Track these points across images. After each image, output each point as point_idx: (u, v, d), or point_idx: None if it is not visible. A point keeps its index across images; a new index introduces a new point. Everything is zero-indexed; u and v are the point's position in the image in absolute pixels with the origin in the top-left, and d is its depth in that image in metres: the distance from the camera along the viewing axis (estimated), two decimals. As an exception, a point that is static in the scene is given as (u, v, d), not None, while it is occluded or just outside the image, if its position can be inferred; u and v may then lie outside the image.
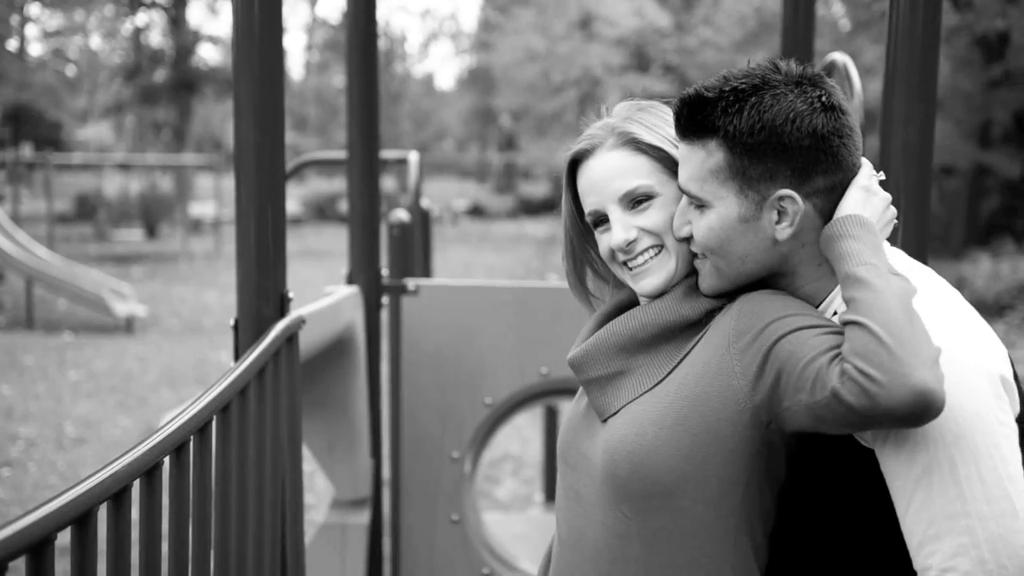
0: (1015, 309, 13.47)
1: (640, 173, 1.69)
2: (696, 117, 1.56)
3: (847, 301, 1.43)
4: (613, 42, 25.69)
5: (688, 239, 1.65)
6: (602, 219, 1.73)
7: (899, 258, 1.63)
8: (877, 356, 1.33)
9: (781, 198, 1.53)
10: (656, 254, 1.69)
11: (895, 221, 1.64)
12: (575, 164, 1.78)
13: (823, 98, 1.53)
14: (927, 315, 1.44)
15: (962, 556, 1.39)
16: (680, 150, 1.62)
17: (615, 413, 1.66)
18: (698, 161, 1.57)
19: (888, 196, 1.61)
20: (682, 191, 1.62)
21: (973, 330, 1.49)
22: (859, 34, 18.63)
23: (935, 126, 2.39)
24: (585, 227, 1.84)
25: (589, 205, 1.74)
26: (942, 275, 1.64)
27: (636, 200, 1.69)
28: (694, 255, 1.66)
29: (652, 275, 1.69)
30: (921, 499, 1.41)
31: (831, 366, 1.39)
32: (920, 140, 2.33)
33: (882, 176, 1.62)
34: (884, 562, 1.52)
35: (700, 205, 1.59)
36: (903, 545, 1.47)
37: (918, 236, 2.37)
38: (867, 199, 1.56)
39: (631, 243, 1.68)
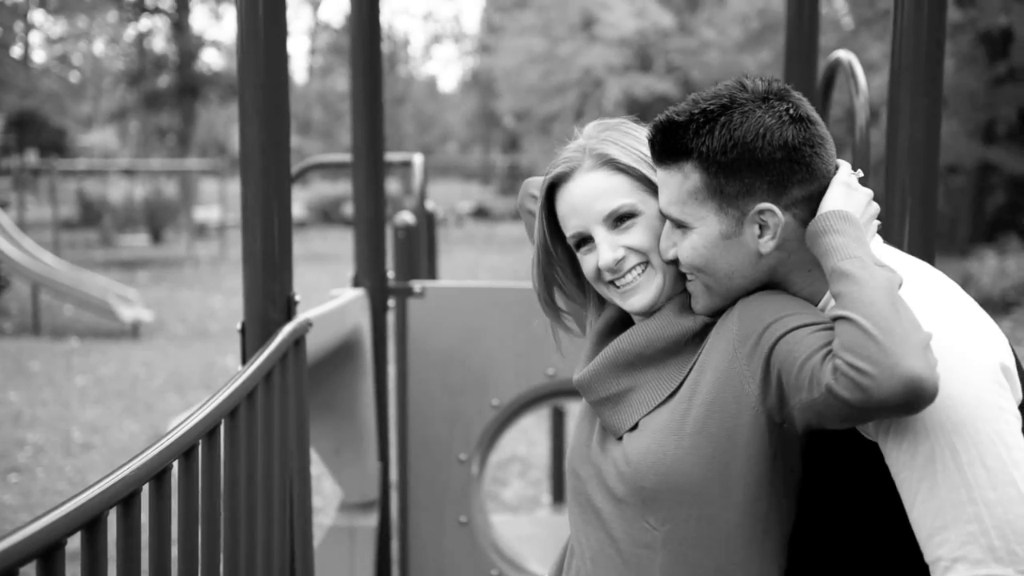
0: (1021, 306, 13.44)
1: (621, 192, 1.70)
2: (669, 142, 1.59)
3: (835, 296, 1.44)
4: (615, 43, 25.68)
5: (676, 261, 1.66)
6: (585, 240, 1.74)
7: (891, 255, 1.63)
8: (865, 349, 1.34)
9: (761, 212, 1.55)
10: (643, 271, 1.70)
11: (878, 221, 1.65)
12: (552, 187, 1.78)
13: (791, 111, 1.55)
14: (922, 307, 1.45)
15: (971, 544, 1.39)
16: (658, 176, 1.64)
17: (631, 429, 1.67)
18: (676, 184, 1.59)
19: (869, 192, 1.62)
20: (664, 215, 1.64)
21: (970, 319, 1.49)
22: (863, 31, 18.61)
23: (941, 122, 2.38)
24: (561, 250, 1.84)
25: (572, 228, 1.74)
26: (948, 273, 1.64)
27: (620, 219, 1.70)
28: (684, 277, 1.68)
29: (641, 292, 1.70)
30: (926, 490, 1.41)
31: (824, 363, 1.41)
32: (926, 136, 2.32)
33: (860, 174, 1.64)
34: (897, 556, 1.51)
35: (683, 227, 1.61)
36: (914, 538, 1.46)
37: (925, 233, 2.37)
38: (848, 194, 1.57)
39: (619, 262, 1.69)
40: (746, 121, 1.53)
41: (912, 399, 1.32)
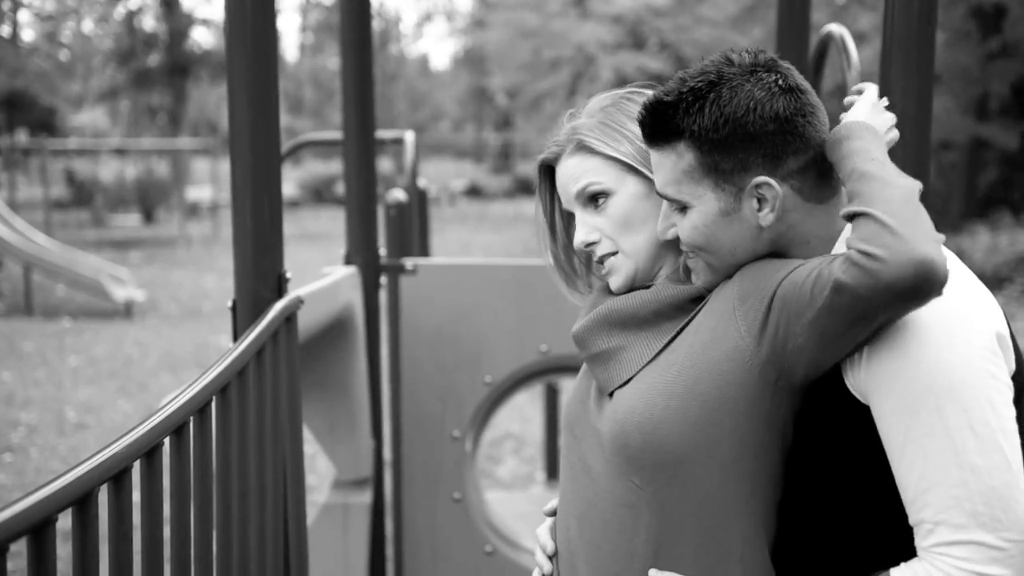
0: (1013, 282, 13.48)
1: (592, 172, 1.75)
2: (659, 123, 1.58)
3: (852, 195, 1.45)
4: (608, 19, 25.57)
5: (673, 241, 1.69)
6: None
7: None
8: (880, 238, 1.35)
9: (758, 186, 1.55)
10: (613, 256, 1.75)
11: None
12: (552, 169, 1.87)
13: (779, 81, 1.54)
14: None
15: (955, 508, 1.39)
16: (652, 157, 1.64)
17: (621, 386, 1.68)
18: (670, 165, 1.59)
19: (893, 117, 1.64)
20: (661, 196, 1.65)
21: (967, 286, 1.50)
22: (853, 5, 18.55)
23: (933, 97, 2.37)
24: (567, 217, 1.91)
25: (564, 207, 1.83)
26: (941, 247, 1.65)
27: (592, 198, 1.75)
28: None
29: (614, 275, 1.76)
30: (912, 452, 1.42)
31: (831, 265, 1.41)
32: (918, 111, 2.32)
33: (886, 101, 1.66)
34: (887, 521, 1.52)
35: (681, 207, 1.62)
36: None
37: (916, 208, 2.36)
38: (873, 113, 1.59)
39: (590, 245, 1.76)
40: (735, 96, 1.52)
41: (921, 282, 1.32)
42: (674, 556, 1.62)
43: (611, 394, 1.69)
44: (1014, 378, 1.47)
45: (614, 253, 1.74)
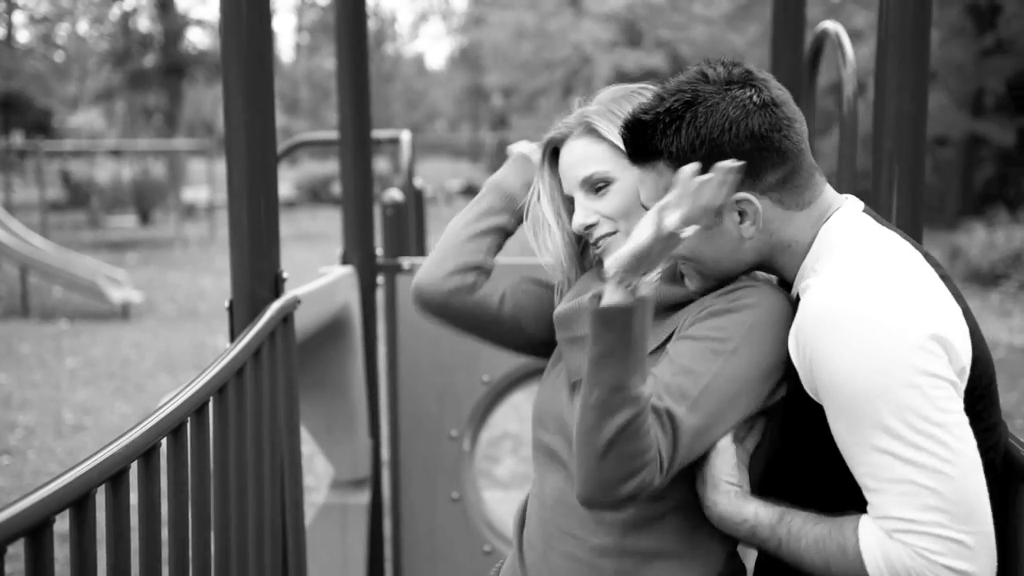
0: (1010, 278, 13.49)
1: (598, 160, 1.77)
2: (639, 142, 1.61)
3: None
4: (603, 17, 25.58)
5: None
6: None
7: (865, 227, 1.61)
8: None
9: (738, 201, 1.58)
10: (611, 236, 1.77)
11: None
12: (557, 151, 1.88)
13: (754, 98, 1.56)
14: (859, 282, 1.48)
15: (906, 505, 1.41)
16: (636, 173, 1.67)
17: None
18: (652, 182, 1.62)
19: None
20: (646, 210, 1.67)
21: (906, 294, 1.48)
22: (848, 1, 18.57)
23: (928, 93, 2.37)
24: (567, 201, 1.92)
25: (565, 190, 1.85)
26: (936, 246, 1.66)
27: (595, 185, 1.78)
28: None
29: (609, 254, 1.78)
30: (858, 452, 1.45)
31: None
32: (913, 107, 2.32)
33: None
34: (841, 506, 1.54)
35: None
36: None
37: (913, 205, 2.36)
38: None
39: (589, 227, 1.78)
40: (711, 116, 1.54)
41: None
42: (643, 534, 1.66)
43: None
44: (973, 373, 1.49)
45: (612, 233, 1.77)
